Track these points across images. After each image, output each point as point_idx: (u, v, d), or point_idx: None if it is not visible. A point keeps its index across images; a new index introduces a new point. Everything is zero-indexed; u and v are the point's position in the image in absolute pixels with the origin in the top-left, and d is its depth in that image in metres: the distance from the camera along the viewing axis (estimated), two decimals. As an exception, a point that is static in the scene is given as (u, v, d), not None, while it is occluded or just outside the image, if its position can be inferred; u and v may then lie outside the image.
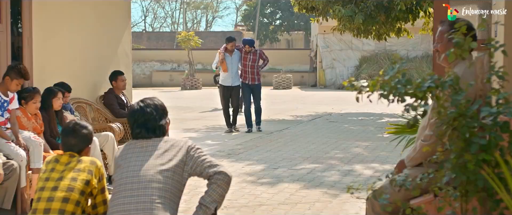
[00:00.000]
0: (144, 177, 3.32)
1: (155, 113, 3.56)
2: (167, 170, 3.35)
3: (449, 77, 2.79)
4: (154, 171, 3.34)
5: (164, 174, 3.33)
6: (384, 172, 7.01)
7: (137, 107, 3.60)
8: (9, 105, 5.79)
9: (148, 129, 3.53)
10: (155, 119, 3.55)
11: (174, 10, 65.70)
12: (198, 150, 3.49)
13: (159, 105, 3.63)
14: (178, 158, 3.41)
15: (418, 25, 17.67)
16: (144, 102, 3.62)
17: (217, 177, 3.36)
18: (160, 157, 3.41)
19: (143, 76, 35.84)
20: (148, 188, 3.28)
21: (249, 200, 6.22)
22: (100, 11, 8.30)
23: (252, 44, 11.91)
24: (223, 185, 3.37)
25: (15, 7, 6.93)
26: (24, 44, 6.92)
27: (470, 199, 2.80)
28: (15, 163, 5.32)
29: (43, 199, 3.55)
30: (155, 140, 3.51)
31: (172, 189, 3.33)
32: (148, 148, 3.48)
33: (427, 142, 3.52)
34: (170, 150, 3.45)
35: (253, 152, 9.34)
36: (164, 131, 3.59)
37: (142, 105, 3.59)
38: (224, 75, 11.96)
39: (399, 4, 14.20)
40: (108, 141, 6.67)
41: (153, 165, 3.37)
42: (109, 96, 7.93)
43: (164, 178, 3.32)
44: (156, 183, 3.30)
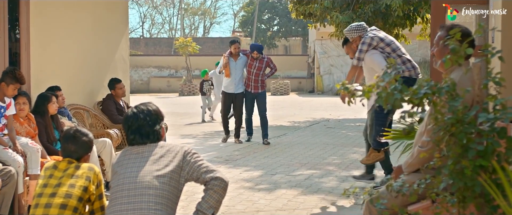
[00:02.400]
0: (140, 183, 3.32)
1: (148, 119, 3.56)
2: (163, 176, 3.34)
3: (446, 84, 2.80)
4: (151, 177, 3.33)
5: (161, 180, 3.32)
6: (382, 178, 7.01)
7: (130, 113, 3.60)
8: (6, 111, 5.78)
9: (142, 134, 3.53)
10: (149, 124, 3.54)
11: (172, 16, 65.77)
12: (194, 155, 3.48)
13: (153, 111, 3.61)
14: (175, 164, 3.40)
15: (415, 31, 17.72)
16: (138, 108, 3.61)
17: (213, 182, 3.36)
18: (156, 163, 3.40)
19: (141, 82, 35.85)
20: (144, 195, 3.28)
21: (246, 206, 6.21)
22: (97, 17, 8.31)
23: (261, 50, 11.14)
24: (220, 191, 3.37)
25: (13, 12, 6.93)
26: (21, 50, 6.91)
27: (467, 205, 2.80)
28: (13, 169, 5.31)
29: (41, 205, 3.55)
30: (151, 145, 3.51)
31: (169, 195, 3.33)
32: (144, 153, 3.48)
33: (424, 148, 3.52)
34: (166, 155, 3.44)
35: (250, 158, 9.34)
36: (159, 136, 3.58)
37: (136, 111, 3.59)
38: (227, 81, 11.22)
39: (397, 10, 14.24)
40: (106, 147, 6.67)
41: (149, 171, 3.36)
42: (108, 102, 7.92)
43: (160, 184, 3.31)
44: (153, 189, 3.29)
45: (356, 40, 6.91)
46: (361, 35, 6.85)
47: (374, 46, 6.72)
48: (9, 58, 6.67)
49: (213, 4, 71.17)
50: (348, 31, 6.95)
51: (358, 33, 6.88)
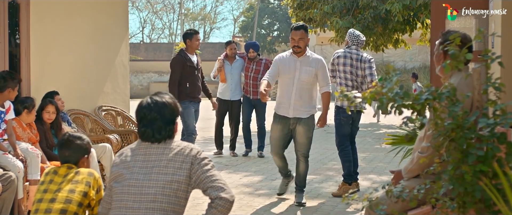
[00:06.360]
0: (146, 196, 3.19)
1: (162, 113, 3.34)
2: (170, 187, 3.21)
3: (446, 89, 2.80)
4: (156, 189, 3.19)
5: (167, 192, 3.19)
6: (382, 183, 7.00)
7: (145, 104, 3.38)
8: (6, 116, 5.78)
9: (153, 129, 3.32)
10: (162, 119, 3.33)
11: (172, 21, 65.85)
12: (202, 161, 3.30)
13: (168, 104, 3.38)
14: (183, 173, 3.25)
15: (415, 36, 17.75)
16: (154, 99, 3.38)
17: (218, 202, 3.20)
18: (163, 170, 3.24)
19: (141, 87, 35.87)
20: (149, 209, 3.17)
21: (246, 211, 6.20)
22: (97, 22, 8.32)
23: (257, 48, 10.02)
24: (224, 211, 3.21)
25: (13, 18, 6.94)
26: (21, 55, 6.92)
27: (467, 210, 2.79)
28: (13, 175, 5.30)
29: (41, 210, 3.54)
30: (160, 146, 3.32)
31: (174, 208, 3.21)
32: (151, 156, 3.30)
33: (424, 153, 3.52)
34: (174, 160, 3.27)
35: (250, 163, 9.33)
36: (171, 133, 3.38)
37: (151, 102, 3.37)
38: (222, 86, 10.06)
39: (396, 16, 14.26)
40: (106, 152, 6.66)
41: (155, 181, 3.21)
42: (178, 57, 8.39)
43: (166, 197, 3.19)
44: (158, 203, 3.17)
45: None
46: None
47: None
48: (9, 63, 6.68)
49: (213, 9, 71.21)
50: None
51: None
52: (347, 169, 6.91)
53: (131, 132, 7.57)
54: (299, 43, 6.38)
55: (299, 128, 6.44)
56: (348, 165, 6.91)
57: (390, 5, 14.17)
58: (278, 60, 6.46)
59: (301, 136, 6.47)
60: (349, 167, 6.91)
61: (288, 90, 6.37)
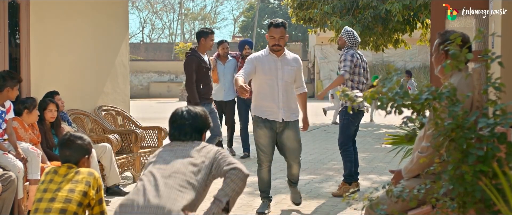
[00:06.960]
0: (171, 166, 3.39)
1: (192, 121, 3.69)
2: (195, 165, 3.42)
3: (446, 89, 2.80)
4: (182, 164, 3.40)
5: (191, 169, 3.39)
6: (382, 183, 7.00)
7: (179, 111, 3.76)
8: (6, 116, 5.78)
9: (180, 132, 3.65)
10: (191, 125, 3.67)
11: (172, 21, 65.88)
12: (223, 153, 3.57)
13: (200, 116, 3.74)
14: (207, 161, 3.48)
15: (415, 36, 17.75)
16: (188, 109, 3.77)
17: (231, 172, 3.42)
18: (190, 155, 3.49)
19: (141, 87, 35.87)
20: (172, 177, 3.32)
21: (247, 211, 6.20)
22: (97, 22, 8.32)
23: (252, 45, 9.79)
24: (237, 180, 3.41)
25: (13, 18, 6.94)
26: (21, 55, 6.92)
27: (467, 210, 2.79)
28: (13, 175, 5.30)
29: (41, 210, 3.55)
30: (188, 143, 3.60)
31: (194, 183, 3.35)
32: (178, 146, 3.58)
33: (424, 153, 3.52)
34: (201, 150, 3.55)
35: (250, 163, 9.32)
36: (198, 139, 3.68)
37: (184, 110, 3.74)
38: (215, 87, 9.60)
39: (396, 16, 14.26)
40: (106, 152, 6.66)
41: (182, 158, 3.45)
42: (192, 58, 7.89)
43: (190, 172, 3.37)
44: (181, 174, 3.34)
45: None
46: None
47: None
48: (9, 63, 6.68)
49: (213, 9, 71.20)
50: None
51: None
52: (348, 169, 6.90)
53: (131, 132, 7.57)
54: (279, 41, 5.99)
55: (288, 131, 5.94)
56: (349, 165, 6.90)
57: (390, 5, 14.16)
58: (254, 59, 5.92)
59: (292, 140, 5.97)
60: (351, 167, 6.90)
61: (272, 93, 5.84)
